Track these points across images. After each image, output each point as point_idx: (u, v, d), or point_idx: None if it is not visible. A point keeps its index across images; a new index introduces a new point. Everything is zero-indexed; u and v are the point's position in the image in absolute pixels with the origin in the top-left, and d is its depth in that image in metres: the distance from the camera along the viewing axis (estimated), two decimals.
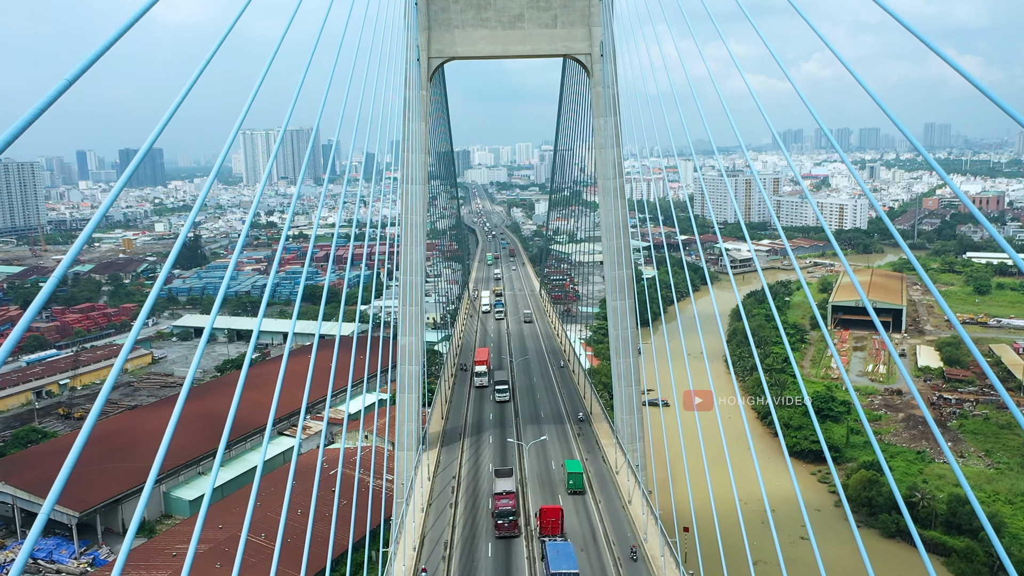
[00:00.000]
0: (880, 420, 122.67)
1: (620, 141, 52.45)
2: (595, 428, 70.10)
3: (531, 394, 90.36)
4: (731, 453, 42.75)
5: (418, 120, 51.99)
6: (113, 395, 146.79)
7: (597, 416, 73.18)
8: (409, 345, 53.84)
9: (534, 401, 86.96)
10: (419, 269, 53.64)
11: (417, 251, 52.92)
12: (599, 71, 52.84)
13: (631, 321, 53.13)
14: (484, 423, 76.84)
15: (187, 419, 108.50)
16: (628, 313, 53.18)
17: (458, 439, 67.52)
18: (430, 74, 53.62)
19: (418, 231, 52.99)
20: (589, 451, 63.02)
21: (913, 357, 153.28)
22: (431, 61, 53.45)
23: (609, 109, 52.07)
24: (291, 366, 34.31)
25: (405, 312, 53.93)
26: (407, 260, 53.09)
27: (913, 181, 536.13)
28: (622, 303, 53.04)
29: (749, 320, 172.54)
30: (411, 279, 53.24)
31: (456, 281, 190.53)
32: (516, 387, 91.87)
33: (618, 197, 53.08)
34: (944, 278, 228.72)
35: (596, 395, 78.66)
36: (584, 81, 67.67)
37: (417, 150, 52.34)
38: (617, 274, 52.54)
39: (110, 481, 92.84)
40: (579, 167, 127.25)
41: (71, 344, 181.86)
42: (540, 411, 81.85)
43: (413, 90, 51.67)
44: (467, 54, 54.62)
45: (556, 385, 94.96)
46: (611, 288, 53.15)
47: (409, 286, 53.41)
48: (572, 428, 71.99)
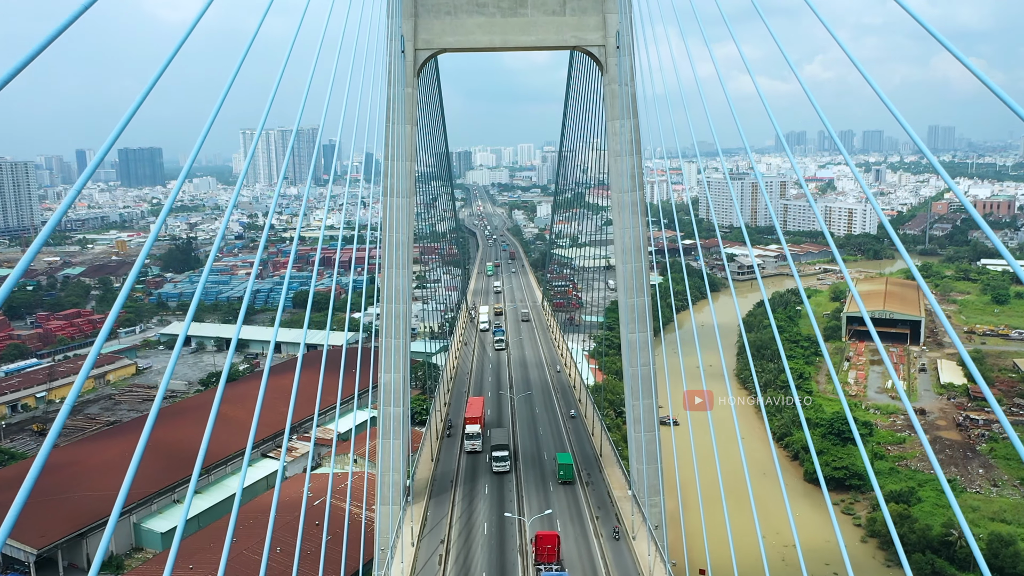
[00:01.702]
0: (904, 443, 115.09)
1: (639, 148, 44.87)
2: (606, 474, 62.19)
3: (537, 459, 72.68)
4: (747, 480, 37.53)
5: (403, 122, 44.36)
6: (92, 409, 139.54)
7: (607, 458, 65.37)
8: (392, 383, 46.25)
9: (540, 465, 70.68)
10: (404, 296, 46.02)
11: (402, 276, 45.24)
12: (614, 66, 44.97)
13: (648, 357, 45.64)
14: (477, 495, 61.96)
15: (163, 442, 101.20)
16: (645, 347, 45.71)
17: (448, 488, 59.80)
18: (417, 69, 45.94)
19: (403, 252, 45.32)
20: (600, 506, 55.26)
21: (934, 373, 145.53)
22: (418, 54, 45.66)
23: (626, 110, 44.22)
24: (278, 381, 30.83)
25: (387, 346, 46.36)
26: (390, 286, 45.45)
27: (920, 184, 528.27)
28: (642, 335, 45.39)
29: (759, 332, 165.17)
30: (395, 308, 45.57)
31: (455, 288, 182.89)
32: (519, 446, 74.91)
33: (636, 213, 45.34)
34: (960, 286, 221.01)
35: (605, 430, 70.75)
36: (594, 76, 60.11)
37: (402, 157, 44.63)
38: (635, 302, 44.76)
39: (74, 512, 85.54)
40: (582, 169, 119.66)
41: (54, 352, 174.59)
42: (547, 479, 65.92)
43: (397, 88, 44.11)
44: (460, 45, 46.90)
45: (565, 431, 79.92)
46: (626, 318, 45.62)
47: (393, 316, 45.74)
48: (582, 485, 63.61)
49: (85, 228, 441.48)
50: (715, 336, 45.19)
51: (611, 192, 46.72)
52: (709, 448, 43.43)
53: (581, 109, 79.27)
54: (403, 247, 44.91)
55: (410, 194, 45.60)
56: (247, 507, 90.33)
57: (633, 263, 44.75)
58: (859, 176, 24.37)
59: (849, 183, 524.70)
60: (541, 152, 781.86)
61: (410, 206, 45.74)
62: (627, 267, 44.48)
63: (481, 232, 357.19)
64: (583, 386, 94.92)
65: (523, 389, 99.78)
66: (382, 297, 45.81)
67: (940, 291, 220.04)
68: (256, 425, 27.25)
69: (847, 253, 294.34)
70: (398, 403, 45.99)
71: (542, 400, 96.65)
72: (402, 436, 46.51)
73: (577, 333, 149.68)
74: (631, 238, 43.92)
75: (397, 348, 45.89)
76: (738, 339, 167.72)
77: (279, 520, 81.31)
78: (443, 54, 50.12)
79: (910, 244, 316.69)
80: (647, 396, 45.18)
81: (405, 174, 44.57)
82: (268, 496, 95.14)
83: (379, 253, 45.42)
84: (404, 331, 46.19)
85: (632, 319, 44.66)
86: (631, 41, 44.24)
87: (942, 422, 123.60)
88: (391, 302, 45.69)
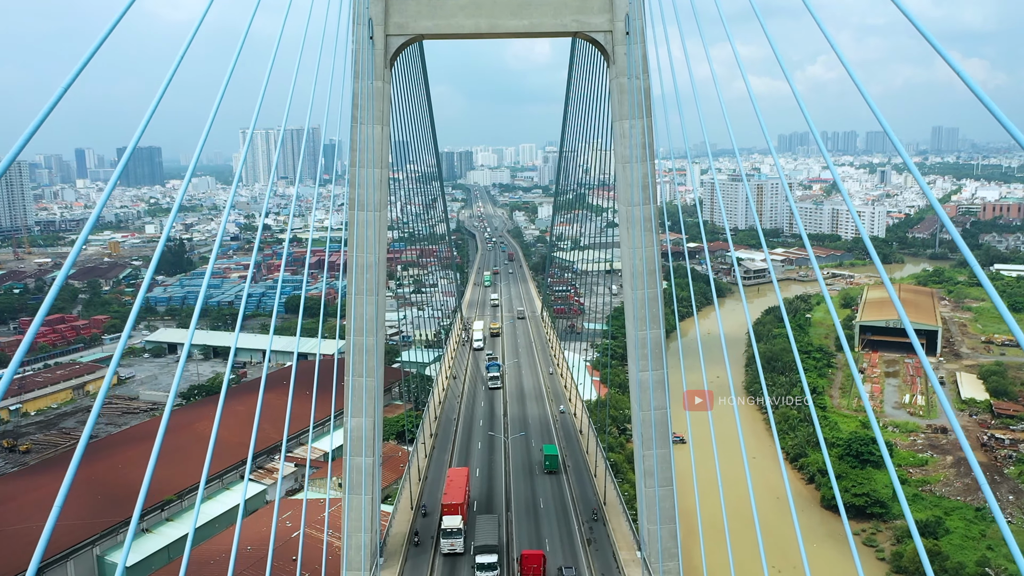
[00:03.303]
0: (927, 465, 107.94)
1: (653, 153, 37.66)
2: (611, 528, 54.49)
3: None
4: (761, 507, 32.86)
5: (372, 122, 37.38)
6: (68, 423, 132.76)
7: (612, 507, 57.96)
8: (363, 429, 39.01)
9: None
10: (376, 327, 38.86)
11: (373, 303, 37.99)
12: (623, 56, 37.67)
13: (663, 399, 38.62)
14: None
15: (134, 465, 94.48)
16: (660, 387, 38.70)
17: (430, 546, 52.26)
18: (389, 58, 38.85)
19: (373, 274, 38.08)
20: (605, 572, 47.95)
21: (953, 386, 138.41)
22: (390, 40, 38.34)
23: (636, 108, 37.02)
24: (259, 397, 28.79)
25: (355, 385, 39.13)
26: (358, 315, 38.11)
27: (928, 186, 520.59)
28: (656, 373, 38.21)
29: (769, 342, 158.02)
30: (363, 341, 38.38)
31: (452, 293, 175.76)
32: (512, 537, 57.96)
33: (651, 230, 37.98)
34: (974, 293, 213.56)
35: (610, 472, 63.13)
36: (600, 69, 53.06)
37: (370, 163, 37.58)
38: (647, 335, 37.54)
39: (29, 545, 78.47)
40: (584, 170, 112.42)
41: (34, 361, 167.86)
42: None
43: (364, 81, 37.07)
44: (440, 31, 39.53)
45: (571, 505, 63.57)
46: (636, 354, 38.40)
47: (362, 351, 38.46)
48: (582, 542, 55.83)
49: (79, 228, 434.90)
50: (720, 345, 39.61)
51: (618, 205, 39.69)
52: (713, 472, 37.92)
53: (584, 106, 71.52)
54: (373, 269, 37.82)
55: (381, 206, 38.57)
56: (220, 539, 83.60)
57: (646, 289, 37.50)
58: (842, 186, 21.12)
59: (855, 185, 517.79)
60: (543, 152, 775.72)
61: (381, 221, 38.71)
62: (637, 294, 37.33)
63: (481, 235, 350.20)
64: (584, 412, 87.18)
65: (520, 431, 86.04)
66: (347, 329, 38.72)
67: (954, 298, 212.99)
68: (210, 457, 25.53)
69: (855, 257, 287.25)
70: (368, 451, 38.98)
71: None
72: (374, 490, 39.46)
73: (578, 341, 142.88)
74: (642, 260, 36.83)
75: (367, 388, 38.84)
76: (746, 349, 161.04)
77: (252, 556, 73.05)
78: (421, 41, 43.42)
79: (920, 248, 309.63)
80: (662, 445, 38.18)
81: (375, 183, 37.48)
82: (248, 523, 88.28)
83: (342, 282, 38.27)
84: (376, 366, 39.13)
85: (643, 355, 37.72)
86: (642, 27, 37.30)
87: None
88: (358, 334, 38.66)
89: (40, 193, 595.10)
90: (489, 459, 78.87)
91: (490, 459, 78.82)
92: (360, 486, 38.76)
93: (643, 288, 37.00)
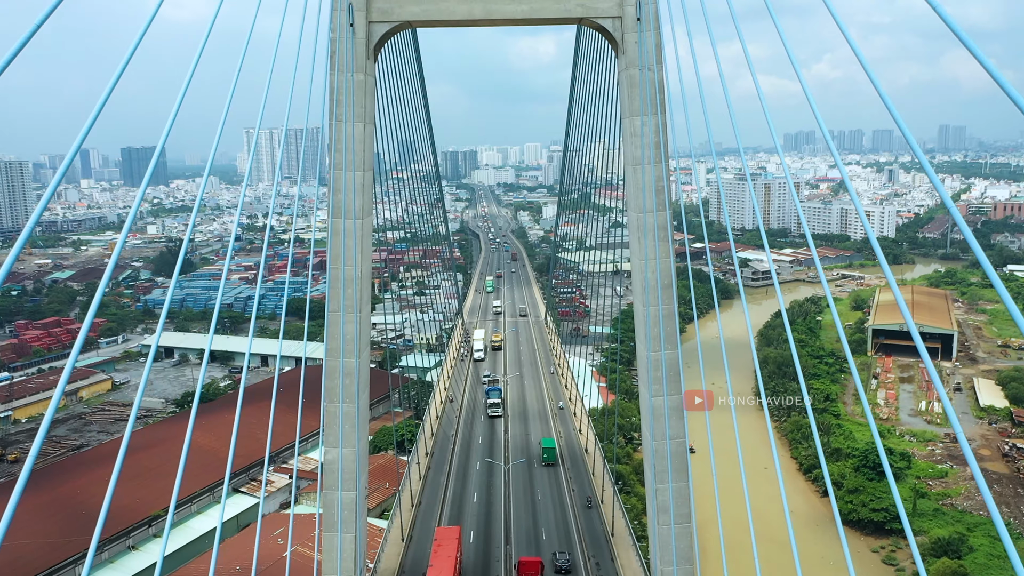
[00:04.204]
0: (946, 477, 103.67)
1: (667, 154, 33.60)
2: (620, 564, 50.20)
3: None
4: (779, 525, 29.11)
5: (354, 120, 33.33)
6: (59, 431, 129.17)
7: (620, 538, 53.76)
8: (340, 461, 34.61)
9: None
10: (358, 348, 34.48)
11: (356, 321, 33.87)
12: (633, 45, 33.41)
13: (680, 428, 34.54)
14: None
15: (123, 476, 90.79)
16: (676, 413, 34.61)
17: None
18: (373, 47, 34.68)
19: (357, 290, 33.69)
20: None
21: (971, 393, 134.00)
22: (373, 28, 34.23)
23: (648, 104, 32.83)
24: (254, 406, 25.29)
25: (332, 413, 34.91)
26: (335, 335, 33.99)
27: None
28: (672, 399, 34.04)
29: (780, 346, 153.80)
30: (343, 363, 34.20)
31: (454, 295, 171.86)
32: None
33: (666, 239, 33.74)
34: (987, 294, 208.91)
35: (619, 500, 58.82)
36: (607, 60, 49.00)
37: (352, 165, 33.50)
38: (662, 357, 33.39)
39: None
40: (588, 168, 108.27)
41: (27, 365, 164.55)
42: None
43: (344, 74, 33.10)
44: (430, 16, 35.28)
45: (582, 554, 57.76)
46: (648, 378, 34.44)
47: (342, 374, 34.26)
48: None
49: (81, 229, 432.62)
50: (731, 349, 36.23)
51: (628, 211, 35.67)
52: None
53: (590, 102, 66.93)
54: (357, 283, 33.75)
55: (365, 213, 34.47)
56: (208, 557, 79.93)
57: (660, 305, 33.35)
58: (850, 186, 21.33)
59: (862, 184, 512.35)
60: (548, 152, 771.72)
61: (365, 229, 34.57)
62: (649, 310, 33.30)
63: (484, 235, 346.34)
64: (590, 429, 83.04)
65: (521, 468, 77.73)
66: (325, 351, 34.70)
67: (967, 300, 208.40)
68: (180, 477, 24.07)
69: (865, 257, 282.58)
70: (349, 485, 34.86)
71: (549, 488, 73.75)
72: (357, 528, 35.41)
73: (583, 345, 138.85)
74: (655, 272, 32.74)
75: (345, 414, 34.67)
76: (758, 347, 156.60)
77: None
78: (413, 30, 39.52)
79: (930, 248, 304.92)
80: (679, 478, 34.03)
81: (358, 188, 33.52)
82: (239, 539, 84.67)
83: (327, 295, 34.11)
84: (359, 392, 34.85)
85: (657, 378, 33.76)
86: (655, 12, 33.22)
87: (985, 451, 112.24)
88: (335, 356, 34.50)
89: (42, 194, 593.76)
90: (487, 493, 72.65)
91: (488, 493, 72.56)
92: (336, 524, 34.61)
93: (657, 304, 32.97)
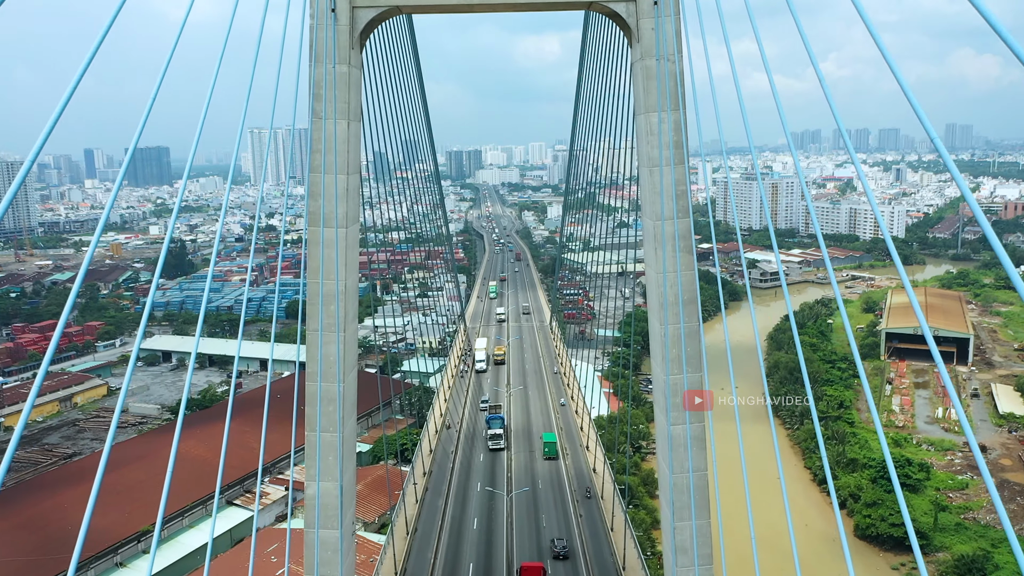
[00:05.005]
0: (967, 489, 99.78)
1: (687, 155, 29.88)
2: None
3: None
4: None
5: (337, 117, 29.48)
6: (52, 439, 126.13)
7: (633, 571, 50.11)
8: (317, 497, 30.65)
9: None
10: (340, 372, 30.54)
11: (340, 343, 30.10)
12: (650, 32, 29.34)
13: (703, 461, 30.81)
14: None
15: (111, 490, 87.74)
16: (699, 442, 30.94)
17: None
18: (358, 36, 30.92)
19: (342, 307, 30.06)
20: None
21: (989, 399, 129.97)
22: (358, 14, 30.15)
23: (667, 99, 29.19)
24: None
25: (311, 443, 31.04)
26: (313, 357, 30.10)
27: (944, 184, 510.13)
28: (696, 427, 30.31)
29: (791, 350, 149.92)
30: (326, 388, 30.35)
31: (456, 297, 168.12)
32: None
33: (688, 250, 29.24)
34: (1002, 296, 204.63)
35: (630, 529, 54.82)
36: (618, 50, 45.34)
37: (336, 167, 29.67)
38: (687, 380, 29.56)
39: None
40: (593, 168, 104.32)
41: (23, 369, 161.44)
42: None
43: (326, 66, 29.36)
44: (422, 1, 31.95)
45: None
46: (666, 404, 30.66)
47: (325, 400, 30.42)
48: None
49: (83, 230, 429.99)
50: (739, 353, 33.09)
51: (642, 218, 31.95)
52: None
53: (598, 97, 62.62)
54: (340, 299, 30.03)
55: (350, 221, 30.74)
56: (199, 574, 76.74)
57: (682, 323, 29.47)
58: (867, 185, 20.54)
59: (870, 183, 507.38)
60: (552, 151, 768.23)
61: (350, 239, 30.81)
62: (668, 329, 29.39)
63: (488, 235, 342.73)
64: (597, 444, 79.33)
65: (527, 496, 72.12)
66: (306, 375, 30.78)
67: (981, 301, 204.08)
68: (167, 494, 22.61)
69: (875, 258, 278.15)
70: (332, 522, 31.03)
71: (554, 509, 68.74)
72: (340, 570, 31.74)
73: (589, 349, 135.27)
74: (673, 286, 28.98)
75: (325, 443, 30.85)
76: (766, 356, 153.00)
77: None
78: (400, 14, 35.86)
79: (941, 248, 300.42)
80: (702, 515, 30.32)
81: (341, 193, 29.90)
82: (232, 555, 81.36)
83: (306, 326, 30.20)
84: (341, 421, 30.90)
85: (676, 404, 30.04)
86: None
87: (1006, 461, 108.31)
88: (313, 379, 30.61)
89: (47, 194, 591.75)
90: (488, 520, 68.22)
91: (489, 520, 68.08)
92: (314, 568, 30.91)
93: (677, 322, 29.31)
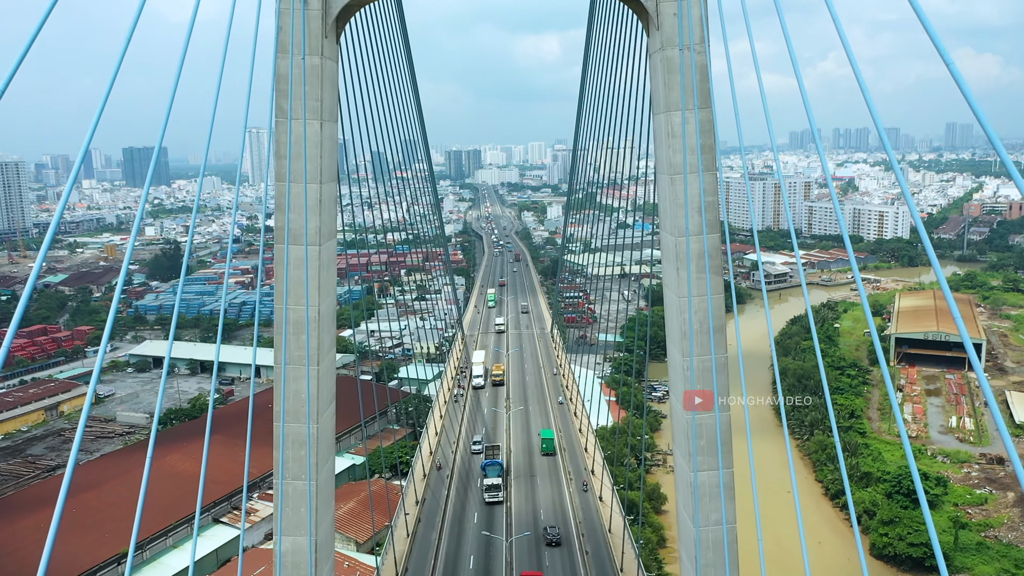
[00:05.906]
0: (986, 504, 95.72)
1: (719, 160, 25.92)
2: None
3: None
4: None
5: (307, 116, 25.39)
6: (36, 449, 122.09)
7: None
8: (290, 555, 26.80)
9: None
10: (313, 411, 26.63)
11: (317, 379, 26.20)
12: (672, 18, 24.65)
13: (733, 513, 26.95)
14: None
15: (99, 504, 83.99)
16: (729, 492, 26.88)
17: None
18: (332, 24, 26.86)
19: (318, 335, 26.23)
20: None
21: (1004, 407, 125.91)
22: (330, 0, 26.82)
23: (693, 95, 25.18)
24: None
25: (285, 492, 27.21)
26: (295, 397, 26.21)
27: (946, 184, 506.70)
28: (726, 472, 26.29)
29: (799, 356, 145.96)
30: (293, 430, 26.45)
31: (453, 300, 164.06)
32: None
33: (718, 272, 25.26)
34: (1011, 299, 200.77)
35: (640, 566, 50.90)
36: (632, 40, 41.14)
37: (304, 176, 25.62)
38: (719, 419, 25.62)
39: None
40: (594, 168, 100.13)
41: (10, 376, 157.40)
42: None
43: (294, 58, 25.21)
44: None
45: None
46: (688, 446, 26.80)
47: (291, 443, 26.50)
48: None
49: (79, 231, 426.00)
50: (740, 362, 29.75)
51: (661, 233, 27.82)
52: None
53: (606, 92, 57.93)
54: (314, 327, 26.05)
55: (324, 238, 26.61)
56: None
57: (713, 355, 25.31)
58: (902, 180, 18.19)
59: (872, 183, 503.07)
60: (552, 151, 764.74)
61: (324, 257, 26.82)
62: (693, 361, 25.49)
63: (488, 236, 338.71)
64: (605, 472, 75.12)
65: (526, 528, 68.22)
66: (275, 414, 26.81)
67: (989, 304, 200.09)
68: (139, 517, 22.71)
69: (880, 259, 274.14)
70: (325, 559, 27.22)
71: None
72: None
73: (590, 355, 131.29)
74: (698, 312, 24.89)
75: (296, 493, 26.69)
76: (771, 365, 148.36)
77: None
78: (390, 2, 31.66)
79: (946, 249, 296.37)
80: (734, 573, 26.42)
81: (313, 205, 25.72)
82: None
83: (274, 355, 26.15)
84: (314, 468, 26.92)
85: (701, 448, 26.00)
86: None
87: None
88: (292, 420, 26.65)
89: (44, 194, 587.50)
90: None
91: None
92: None
93: (703, 354, 25.34)
